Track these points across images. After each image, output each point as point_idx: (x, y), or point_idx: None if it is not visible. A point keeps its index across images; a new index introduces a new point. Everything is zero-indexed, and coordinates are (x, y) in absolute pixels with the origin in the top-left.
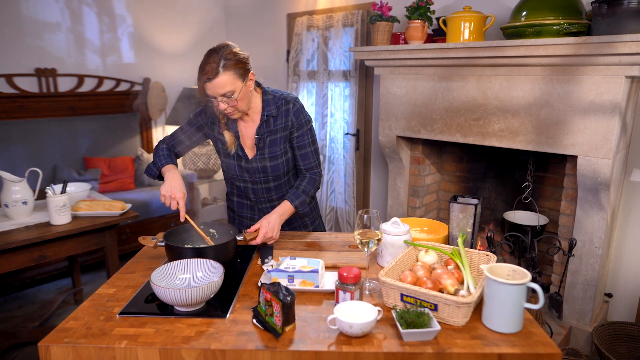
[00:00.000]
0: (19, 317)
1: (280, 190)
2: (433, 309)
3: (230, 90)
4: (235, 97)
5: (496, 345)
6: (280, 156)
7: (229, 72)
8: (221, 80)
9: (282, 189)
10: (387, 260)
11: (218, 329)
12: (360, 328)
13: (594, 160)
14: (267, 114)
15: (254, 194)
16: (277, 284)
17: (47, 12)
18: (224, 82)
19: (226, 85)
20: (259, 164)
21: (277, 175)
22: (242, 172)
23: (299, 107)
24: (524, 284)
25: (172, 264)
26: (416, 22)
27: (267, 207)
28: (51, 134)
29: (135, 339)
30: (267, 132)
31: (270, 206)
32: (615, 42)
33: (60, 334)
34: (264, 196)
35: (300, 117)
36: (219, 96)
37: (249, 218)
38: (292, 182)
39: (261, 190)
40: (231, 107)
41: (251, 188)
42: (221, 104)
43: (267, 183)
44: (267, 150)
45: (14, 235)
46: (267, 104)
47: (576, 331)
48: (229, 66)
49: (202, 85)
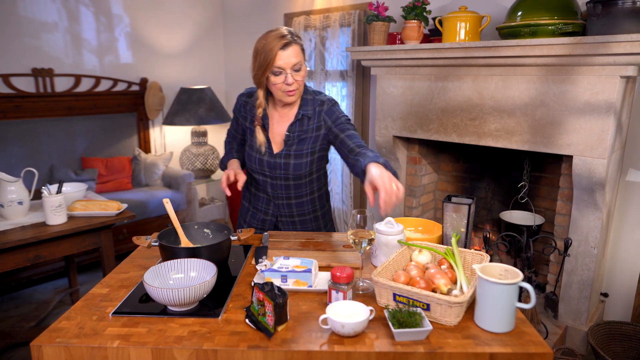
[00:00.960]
0: (15, 317)
1: (299, 189)
2: (425, 308)
3: (299, 62)
4: (303, 73)
5: (488, 344)
6: (306, 155)
7: (298, 45)
8: (295, 48)
9: (301, 189)
10: (380, 260)
11: (211, 329)
12: (352, 328)
13: (589, 160)
14: (303, 112)
15: (272, 189)
16: (270, 283)
17: (44, 12)
18: (297, 52)
19: (298, 55)
20: (282, 159)
21: (298, 175)
22: (263, 166)
23: (332, 106)
24: (516, 284)
25: (165, 263)
26: (412, 22)
27: (284, 204)
28: (48, 134)
29: (128, 339)
30: (299, 131)
31: (287, 203)
32: (610, 42)
33: (53, 334)
34: (282, 193)
35: (334, 114)
36: (290, 67)
37: (263, 212)
38: (312, 184)
39: (280, 186)
40: (296, 84)
41: (270, 183)
42: (289, 77)
43: (287, 180)
44: (294, 148)
45: (10, 235)
46: (305, 104)
47: (572, 331)
48: (298, 41)
49: (274, 55)
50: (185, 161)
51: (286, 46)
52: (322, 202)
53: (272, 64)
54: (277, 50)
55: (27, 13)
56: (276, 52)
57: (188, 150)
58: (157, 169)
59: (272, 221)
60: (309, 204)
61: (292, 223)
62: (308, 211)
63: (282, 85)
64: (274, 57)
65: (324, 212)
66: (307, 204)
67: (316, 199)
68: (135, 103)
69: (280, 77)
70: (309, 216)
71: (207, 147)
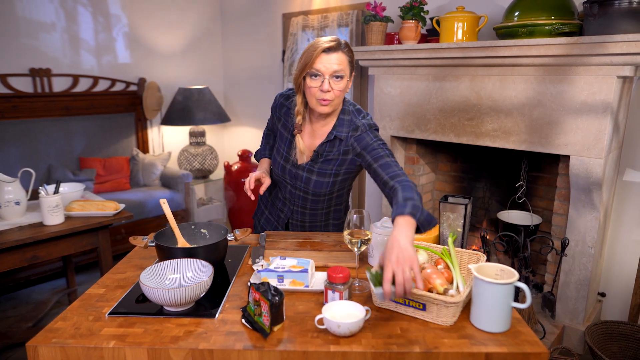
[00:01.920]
0: (13, 318)
1: (316, 205)
2: (421, 308)
3: (342, 72)
4: (343, 84)
5: (484, 344)
6: (329, 176)
7: (346, 55)
8: (340, 56)
9: (318, 205)
10: (377, 259)
11: (207, 329)
12: (348, 328)
13: (586, 160)
14: (336, 134)
15: (290, 195)
16: (266, 283)
17: (42, 11)
18: (342, 60)
19: (342, 63)
20: (305, 173)
21: (317, 192)
22: (285, 173)
23: (363, 132)
24: (511, 284)
25: (162, 264)
26: (410, 22)
27: (297, 211)
28: (46, 134)
29: (124, 339)
30: (327, 152)
31: (301, 211)
32: (607, 42)
33: (49, 334)
34: (298, 202)
35: (362, 140)
36: (330, 73)
37: (280, 209)
38: (331, 201)
39: (298, 196)
40: (332, 93)
41: (289, 190)
42: (326, 83)
43: (305, 194)
44: (319, 165)
45: (7, 236)
46: (341, 124)
47: (569, 330)
48: (347, 51)
49: (315, 56)
50: (184, 161)
51: (330, 51)
52: (338, 215)
53: (310, 65)
54: (320, 52)
55: (25, 13)
56: (318, 54)
57: (186, 150)
58: (155, 169)
59: (284, 220)
60: (323, 216)
61: (302, 227)
62: (320, 222)
63: (317, 91)
64: (314, 59)
65: (338, 223)
66: (321, 216)
67: (331, 212)
68: (133, 103)
69: (316, 81)
70: (320, 223)
71: (205, 147)
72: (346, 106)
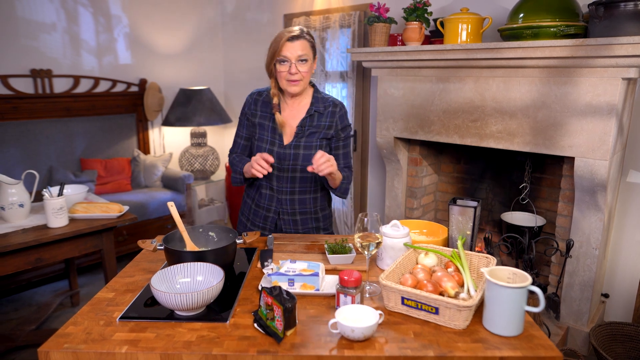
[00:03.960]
0: (15, 320)
1: (304, 183)
2: (434, 312)
3: (306, 56)
4: (307, 66)
5: (498, 348)
6: (315, 148)
7: (308, 41)
8: (303, 42)
9: (306, 184)
10: (387, 262)
11: (219, 334)
12: (362, 332)
13: (591, 161)
14: (314, 109)
15: (278, 181)
16: (278, 287)
17: (42, 12)
18: (304, 45)
19: (304, 48)
20: (292, 150)
21: (305, 167)
22: (272, 157)
23: (345, 112)
24: (525, 287)
25: (172, 267)
26: (414, 24)
27: (286, 199)
28: (47, 135)
29: (136, 344)
30: (309, 126)
31: (290, 198)
32: (613, 45)
33: (60, 340)
34: (287, 186)
35: (344, 121)
36: (295, 58)
37: (265, 208)
38: (317, 181)
39: (286, 179)
40: (299, 75)
41: (276, 175)
42: (293, 67)
43: (294, 172)
44: (304, 140)
45: (11, 238)
46: (316, 101)
47: (573, 331)
48: (309, 38)
49: (281, 45)
50: (184, 162)
51: (294, 39)
52: (324, 204)
53: (279, 53)
54: (285, 41)
55: (25, 14)
56: (283, 42)
57: (187, 151)
58: (157, 170)
59: (273, 219)
60: (311, 201)
61: (294, 222)
62: (310, 210)
63: (286, 74)
64: (281, 47)
65: (325, 214)
66: (309, 202)
67: (319, 198)
68: (134, 104)
69: (285, 66)
70: (310, 215)
71: (206, 148)
72: (315, 87)
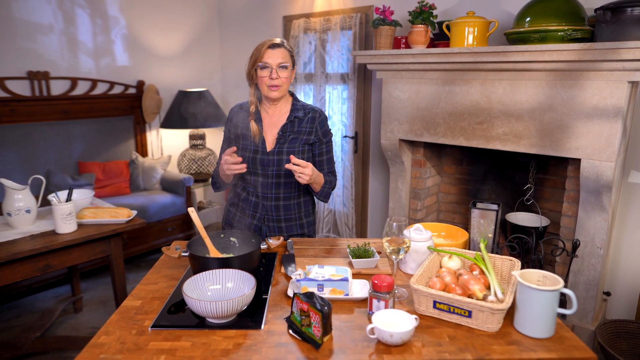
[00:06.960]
0: (19, 327)
1: (288, 188)
2: (467, 315)
3: (286, 63)
4: (287, 73)
5: (533, 350)
6: (297, 153)
7: (288, 50)
8: (283, 51)
9: (290, 188)
10: (410, 266)
11: (255, 341)
12: (401, 337)
13: (597, 163)
14: (294, 115)
15: (263, 187)
16: (312, 294)
17: (39, 14)
18: (284, 54)
19: (285, 57)
20: (275, 156)
21: (289, 172)
22: (256, 164)
23: (325, 119)
24: (558, 290)
25: (201, 275)
26: (419, 27)
27: (271, 205)
28: (44, 138)
29: (173, 353)
30: (290, 132)
31: (275, 205)
32: (620, 49)
33: (95, 350)
34: (271, 191)
35: (324, 126)
36: (276, 64)
37: (251, 215)
38: (300, 186)
39: (270, 185)
40: (279, 80)
41: (261, 182)
42: (274, 72)
43: (278, 178)
44: (286, 145)
45: (20, 245)
46: (296, 108)
47: (578, 330)
48: (288, 48)
49: (263, 52)
50: (183, 166)
51: (275, 46)
52: (308, 210)
53: (260, 59)
54: (266, 49)
55: (22, 15)
56: (265, 50)
57: (186, 153)
58: (156, 172)
59: (257, 226)
60: (295, 207)
61: (279, 229)
62: (294, 217)
63: (267, 80)
64: (262, 54)
65: (309, 221)
66: (294, 207)
67: (302, 203)
68: (132, 106)
69: (265, 72)
70: (294, 222)
71: (205, 151)
72: (295, 96)
